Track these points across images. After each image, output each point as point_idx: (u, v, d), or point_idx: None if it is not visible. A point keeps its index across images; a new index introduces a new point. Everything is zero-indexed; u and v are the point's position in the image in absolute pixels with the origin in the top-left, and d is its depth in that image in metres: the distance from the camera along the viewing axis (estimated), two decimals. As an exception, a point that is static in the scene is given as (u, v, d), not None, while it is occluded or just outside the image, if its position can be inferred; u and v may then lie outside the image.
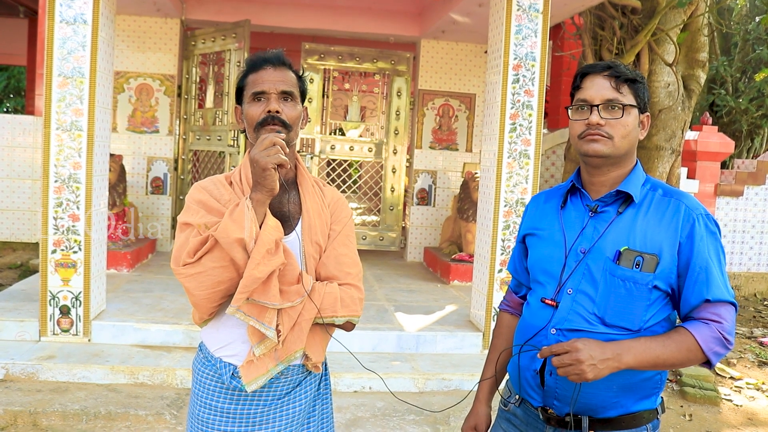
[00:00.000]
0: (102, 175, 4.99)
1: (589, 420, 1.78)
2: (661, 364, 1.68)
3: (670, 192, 1.80)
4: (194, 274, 1.79)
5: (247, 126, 1.92)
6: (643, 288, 1.72)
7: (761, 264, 9.16)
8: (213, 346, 1.95)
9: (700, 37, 7.36)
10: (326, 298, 1.88)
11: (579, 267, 1.79)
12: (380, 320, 5.40)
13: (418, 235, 8.45)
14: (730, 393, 5.12)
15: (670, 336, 1.70)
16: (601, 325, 1.74)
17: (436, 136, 8.37)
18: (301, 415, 1.98)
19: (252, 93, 1.90)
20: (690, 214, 1.74)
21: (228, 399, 1.91)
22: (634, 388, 1.77)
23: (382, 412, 4.24)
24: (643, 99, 1.81)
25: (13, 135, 8.38)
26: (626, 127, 1.77)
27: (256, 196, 1.78)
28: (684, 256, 1.72)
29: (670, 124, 7.25)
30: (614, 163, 1.81)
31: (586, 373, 1.60)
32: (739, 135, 11.41)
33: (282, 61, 1.94)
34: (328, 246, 1.98)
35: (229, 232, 1.74)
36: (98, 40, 4.69)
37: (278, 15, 8.01)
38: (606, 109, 1.77)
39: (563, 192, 1.93)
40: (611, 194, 1.81)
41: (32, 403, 4.00)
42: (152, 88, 7.84)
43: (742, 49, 11.71)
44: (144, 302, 5.55)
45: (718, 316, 1.70)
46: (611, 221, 1.79)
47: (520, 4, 4.99)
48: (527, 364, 1.84)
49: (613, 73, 1.79)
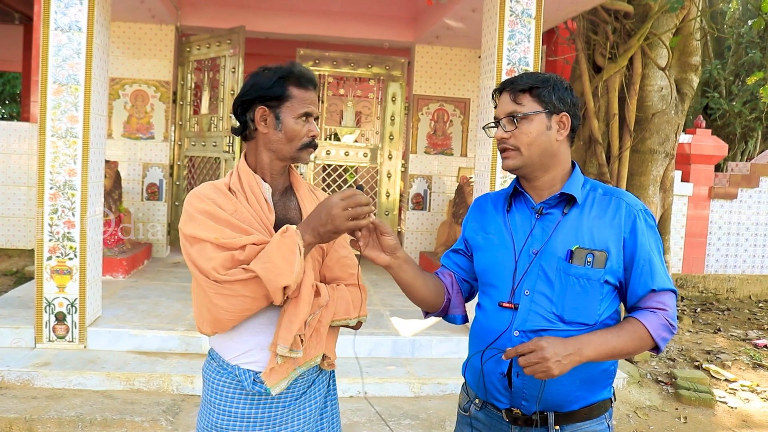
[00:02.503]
0: (97, 182, 5.00)
1: (555, 415, 1.85)
2: (618, 354, 1.77)
3: (609, 191, 1.89)
4: (225, 294, 1.78)
5: (284, 138, 1.92)
6: (596, 283, 1.80)
7: (755, 266, 9.20)
8: (229, 354, 1.94)
9: (692, 41, 7.40)
10: (339, 302, 1.95)
11: (532, 268, 1.85)
12: (376, 325, 5.41)
13: (414, 239, 8.46)
14: (724, 395, 5.13)
15: (622, 327, 1.80)
16: (561, 322, 1.81)
17: (431, 141, 8.39)
18: (316, 413, 2.03)
19: (303, 112, 1.92)
20: (631, 210, 1.84)
21: (249, 404, 1.92)
22: (594, 381, 1.86)
23: (377, 417, 4.25)
24: (551, 101, 1.85)
25: (8, 141, 8.37)
26: (529, 135, 1.84)
27: (310, 240, 1.79)
28: (629, 250, 1.82)
29: (663, 127, 7.29)
30: (538, 169, 1.88)
31: (552, 370, 1.66)
32: (732, 138, 11.47)
33: (316, 84, 1.98)
34: (330, 250, 2.02)
35: (277, 273, 1.73)
36: (93, 47, 4.71)
37: (273, 21, 8.04)
38: (510, 123, 1.86)
39: (507, 196, 1.99)
40: (555, 197, 1.88)
41: (28, 410, 4.00)
42: (147, 94, 7.85)
43: (735, 53, 11.77)
44: (140, 308, 5.55)
45: (663, 304, 1.80)
46: (558, 222, 1.86)
47: (513, 9, 5.02)
48: (492, 368, 1.89)
49: (510, 86, 1.88)
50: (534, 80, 1.86)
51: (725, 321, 7.65)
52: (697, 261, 9.00)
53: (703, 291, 8.99)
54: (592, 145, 7.36)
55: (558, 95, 1.86)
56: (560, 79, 1.90)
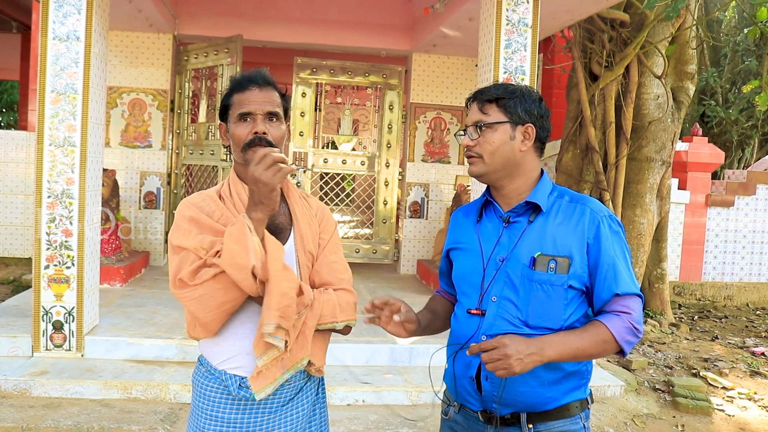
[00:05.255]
0: (95, 191, 5.00)
1: (528, 415, 1.88)
2: (581, 356, 1.81)
3: (575, 198, 1.93)
4: (198, 297, 1.81)
5: (234, 145, 1.95)
6: (560, 289, 1.83)
7: (752, 274, 9.21)
8: (215, 359, 1.98)
9: (688, 50, 7.44)
10: (326, 305, 1.95)
11: (498, 275, 1.90)
12: (373, 333, 5.40)
13: (411, 247, 8.47)
14: (722, 403, 5.13)
15: (586, 329, 1.83)
16: (526, 327, 1.85)
17: (428, 149, 8.40)
18: (303, 420, 2.03)
19: (239, 114, 1.92)
20: (595, 216, 1.87)
21: (235, 409, 1.94)
22: (563, 382, 1.89)
23: (375, 425, 4.24)
24: (516, 112, 1.89)
25: (6, 150, 8.37)
26: (492, 144, 1.89)
27: (257, 216, 1.80)
28: (592, 255, 1.85)
29: (660, 135, 7.32)
30: (502, 178, 1.94)
31: (513, 367, 1.69)
32: (729, 145, 11.51)
33: (267, 81, 1.96)
34: (320, 254, 2.03)
35: (234, 257, 1.75)
36: (91, 57, 4.72)
37: (270, 30, 8.06)
38: (475, 131, 1.92)
39: (478, 206, 2.04)
40: (521, 205, 1.93)
41: (25, 419, 3.99)
42: (145, 103, 7.86)
43: (731, 61, 11.83)
44: (137, 317, 5.54)
45: (628, 308, 1.83)
46: (524, 230, 1.90)
47: (509, 18, 5.05)
48: (462, 372, 1.94)
49: (479, 96, 1.94)
50: (501, 91, 1.91)
51: (722, 329, 7.66)
52: (694, 269, 9.02)
53: (700, 299, 9.00)
54: (589, 153, 7.39)
55: (524, 107, 1.90)
56: (529, 90, 1.94)
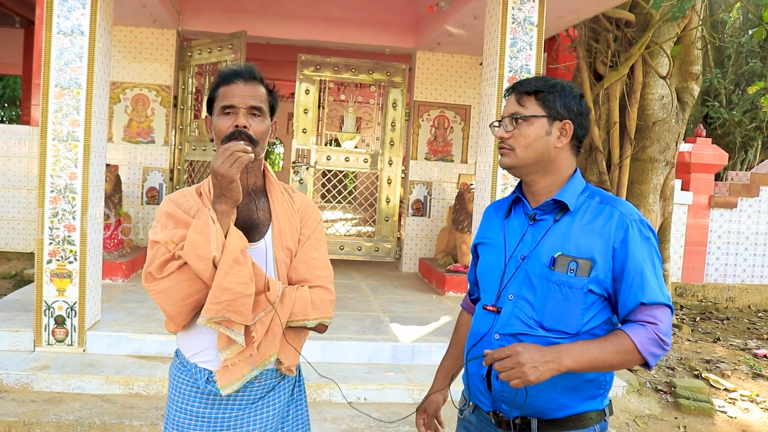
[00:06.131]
0: (98, 186, 4.99)
1: (538, 421, 1.82)
2: (600, 366, 1.72)
3: (606, 199, 1.85)
4: (164, 290, 1.83)
5: (216, 138, 1.95)
6: (579, 292, 1.76)
7: (755, 276, 9.20)
8: (188, 352, 1.97)
9: (693, 50, 7.43)
10: (297, 302, 1.91)
11: (518, 273, 1.85)
12: (375, 331, 5.40)
13: (414, 246, 8.46)
14: (724, 405, 5.12)
15: (607, 338, 1.74)
16: (540, 328, 1.79)
17: (432, 148, 8.40)
18: (275, 420, 2.01)
19: (222, 106, 1.92)
20: (624, 220, 1.78)
21: (203, 403, 1.93)
22: (578, 390, 1.82)
23: (377, 423, 4.24)
24: (554, 107, 1.84)
25: (9, 145, 8.37)
26: (527, 138, 1.84)
27: (221, 208, 1.81)
28: (619, 261, 1.76)
29: (664, 136, 7.30)
30: (534, 173, 1.88)
31: (527, 376, 1.63)
32: (732, 147, 11.48)
33: (253, 75, 1.95)
34: (299, 250, 2.00)
35: (196, 248, 1.77)
36: (95, 51, 4.71)
37: (274, 26, 8.05)
38: (511, 123, 1.86)
39: (509, 202, 2.00)
40: (548, 203, 1.87)
41: (26, 413, 3.99)
42: (148, 98, 7.85)
43: (735, 62, 11.80)
44: (139, 312, 5.54)
45: (654, 318, 1.73)
46: (548, 228, 1.85)
47: (515, 17, 5.03)
48: (475, 371, 1.92)
49: (518, 87, 1.88)
50: (541, 84, 1.85)
51: (724, 330, 7.65)
52: (696, 270, 9.00)
53: (702, 300, 8.98)
54: (593, 153, 7.38)
55: (563, 102, 1.84)
56: (570, 86, 1.88)
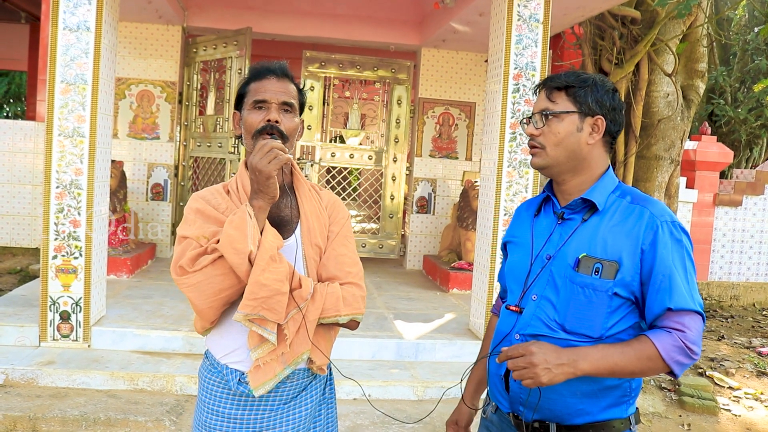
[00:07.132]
0: (103, 181, 5.01)
1: (557, 427, 1.76)
2: (620, 372, 1.64)
3: (638, 199, 1.77)
4: (195, 284, 1.80)
5: (245, 133, 1.95)
6: (603, 295, 1.69)
7: (760, 274, 9.18)
8: (218, 353, 1.96)
9: (699, 48, 7.40)
10: (328, 298, 1.89)
11: (543, 273, 1.78)
12: (380, 328, 5.40)
13: (418, 243, 8.46)
14: (728, 403, 5.12)
15: (630, 344, 1.65)
16: (562, 331, 1.73)
17: (436, 145, 8.39)
18: (307, 420, 1.99)
19: (253, 101, 1.92)
20: (654, 220, 1.69)
21: (235, 405, 1.92)
22: (599, 396, 1.74)
23: (381, 419, 4.24)
24: (585, 102, 1.77)
25: (14, 140, 8.38)
26: (557, 135, 1.77)
27: (258, 204, 1.80)
28: (647, 263, 1.67)
29: (669, 133, 7.28)
30: (565, 171, 1.82)
31: (540, 377, 1.57)
32: (738, 145, 11.44)
33: (285, 73, 1.97)
34: (328, 247, 1.99)
35: (233, 242, 1.75)
36: (101, 47, 4.71)
37: (279, 23, 8.05)
38: (541, 120, 1.80)
39: (539, 201, 1.94)
40: (577, 201, 1.80)
41: (32, 408, 4.00)
42: (153, 94, 7.86)
43: (741, 60, 11.76)
44: (144, 308, 5.56)
45: (682, 325, 1.64)
46: (576, 228, 1.78)
47: (520, 14, 5.02)
48: (495, 370, 1.86)
49: (548, 83, 1.82)
50: (572, 79, 1.79)
51: (729, 328, 7.64)
52: (701, 268, 8.98)
53: (706, 298, 8.97)
54: (598, 151, 7.36)
55: (595, 97, 1.77)
56: (603, 80, 1.81)
